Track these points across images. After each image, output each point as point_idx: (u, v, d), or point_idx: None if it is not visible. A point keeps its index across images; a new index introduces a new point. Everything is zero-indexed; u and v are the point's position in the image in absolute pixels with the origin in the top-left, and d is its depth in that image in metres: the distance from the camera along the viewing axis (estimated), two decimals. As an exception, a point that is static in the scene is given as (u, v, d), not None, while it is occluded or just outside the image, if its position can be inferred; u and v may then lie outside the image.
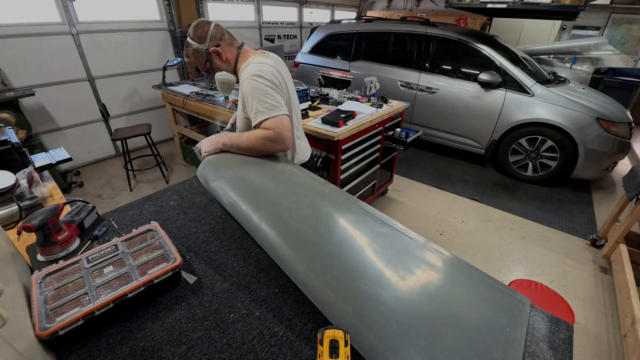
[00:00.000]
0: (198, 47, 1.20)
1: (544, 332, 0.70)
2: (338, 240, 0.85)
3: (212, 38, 1.19)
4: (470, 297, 0.73)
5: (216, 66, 1.25)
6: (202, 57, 1.23)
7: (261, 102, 1.12)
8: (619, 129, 3.00)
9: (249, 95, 1.14)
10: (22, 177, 1.27)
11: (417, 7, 7.58)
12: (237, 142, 1.15)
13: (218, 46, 1.21)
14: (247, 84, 1.14)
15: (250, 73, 1.15)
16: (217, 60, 1.23)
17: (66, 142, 3.58)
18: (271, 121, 1.12)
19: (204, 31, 1.19)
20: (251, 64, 1.20)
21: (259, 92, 1.13)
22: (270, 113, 1.12)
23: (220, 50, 1.21)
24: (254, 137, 1.13)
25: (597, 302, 2.04)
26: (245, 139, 1.14)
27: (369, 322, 0.64)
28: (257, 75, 1.14)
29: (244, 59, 1.25)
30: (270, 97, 1.13)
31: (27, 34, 3.06)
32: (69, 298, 0.72)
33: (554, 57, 5.58)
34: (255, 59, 1.23)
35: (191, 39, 1.20)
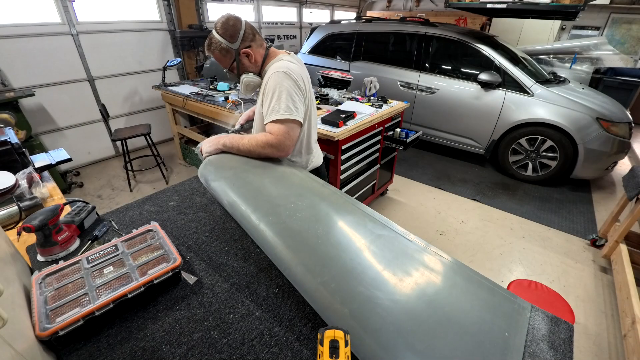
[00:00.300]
0: (228, 46, 1.13)
1: (544, 332, 0.70)
2: (336, 241, 0.84)
3: (244, 38, 1.14)
4: (469, 301, 0.72)
5: (243, 67, 1.20)
6: (229, 57, 1.17)
7: (279, 101, 1.09)
8: (619, 129, 3.00)
9: (272, 89, 1.11)
10: (22, 177, 1.27)
11: (417, 7, 7.58)
12: (238, 144, 1.14)
13: (249, 47, 1.16)
14: (273, 78, 1.11)
15: (279, 69, 1.11)
16: (246, 61, 1.18)
17: (66, 142, 3.58)
18: (279, 126, 1.09)
19: (235, 29, 1.12)
20: (280, 61, 1.17)
21: (282, 90, 1.09)
22: (284, 115, 1.09)
23: (250, 52, 1.16)
24: (255, 141, 1.11)
25: (597, 302, 2.04)
26: (245, 142, 1.13)
27: (365, 324, 0.64)
28: (285, 73, 1.10)
29: (271, 59, 1.22)
30: (290, 100, 1.10)
31: (27, 35, 3.06)
32: (69, 298, 0.72)
33: (554, 57, 5.58)
34: (285, 57, 1.21)
35: (220, 36, 1.12)
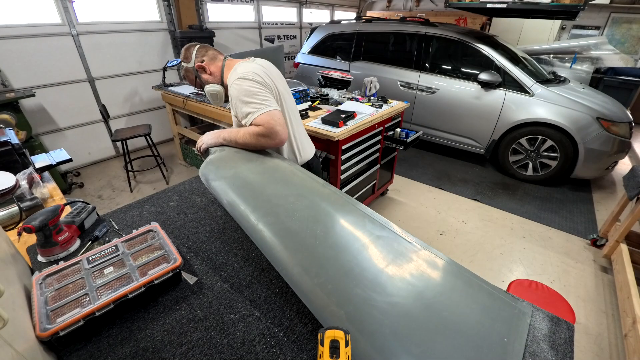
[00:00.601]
0: (187, 66, 1.33)
1: (545, 332, 0.70)
2: (334, 242, 0.83)
3: (196, 56, 1.31)
4: (468, 305, 0.71)
5: (204, 80, 1.34)
6: (191, 74, 1.34)
7: (247, 103, 1.17)
8: (619, 129, 2.99)
9: (236, 99, 1.19)
10: (22, 178, 1.27)
11: (417, 7, 7.58)
12: (235, 137, 1.20)
13: (202, 62, 1.31)
14: (232, 89, 1.20)
15: (234, 77, 1.21)
16: (204, 74, 1.32)
17: (66, 143, 3.58)
18: (261, 117, 1.15)
19: (189, 52, 1.31)
20: (235, 71, 1.26)
21: (244, 93, 1.17)
22: (259, 110, 1.15)
23: (204, 65, 1.30)
24: (248, 133, 1.17)
25: (598, 302, 2.04)
26: (241, 135, 1.19)
27: (361, 327, 0.63)
28: (240, 79, 1.19)
29: (230, 68, 1.30)
30: (256, 97, 1.17)
31: (27, 35, 3.06)
32: (69, 299, 0.72)
33: (554, 56, 5.58)
34: (240, 65, 1.28)
35: (182, 61, 1.33)
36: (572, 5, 3.04)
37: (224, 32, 4.87)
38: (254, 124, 1.16)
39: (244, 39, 5.38)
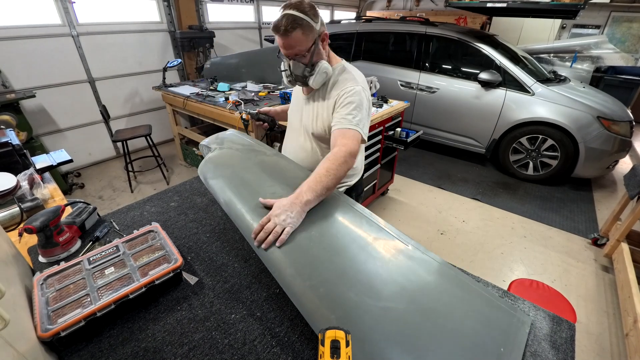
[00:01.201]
0: (313, 26, 1.01)
1: (546, 332, 0.70)
2: (329, 244, 0.81)
3: (323, 23, 1.05)
4: (464, 312, 0.69)
5: (317, 54, 1.07)
6: (310, 39, 1.03)
7: (358, 115, 1.04)
8: (620, 128, 2.99)
9: (353, 101, 1.05)
10: (23, 178, 1.27)
11: (417, 6, 7.57)
12: (322, 184, 0.89)
13: (325, 32, 1.07)
14: (356, 90, 1.06)
15: (358, 83, 1.09)
16: (321, 48, 1.08)
17: (67, 143, 3.59)
18: (353, 132, 1.02)
19: (316, 11, 1.03)
20: (353, 72, 1.14)
21: (363, 106, 1.06)
22: (358, 127, 1.04)
23: (327, 33, 1.07)
24: (334, 160, 0.94)
25: (599, 301, 2.04)
26: (324, 173, 0.91)
27: (352, 332, 0.61)
28: (364, 90, 1.09)
29: (333, 58, 1.17)
30: (366, 117, 1.09)
31: (27, 36, 3.06)
32: (70, 299, 0.72)
33: (554, 56, 5.57)
34: (352, 66, 1.18)
35: (303, 14, 0.99)
36: (572, 4, 3.04)
37: (224, 32, 4.87)
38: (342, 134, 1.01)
39: (244, 39, 5.38)
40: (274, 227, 0.78)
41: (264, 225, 0.80)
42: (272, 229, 0.78)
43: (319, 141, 1.24)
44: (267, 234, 0.78)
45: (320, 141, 1.23)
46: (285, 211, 0.81)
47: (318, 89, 1.16)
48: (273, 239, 0.78)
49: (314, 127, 1.20)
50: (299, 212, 0.83)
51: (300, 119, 1.27)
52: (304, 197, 0.85)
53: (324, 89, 1.16)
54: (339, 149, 0.97)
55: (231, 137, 1.37)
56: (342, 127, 1.03)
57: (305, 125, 1.24)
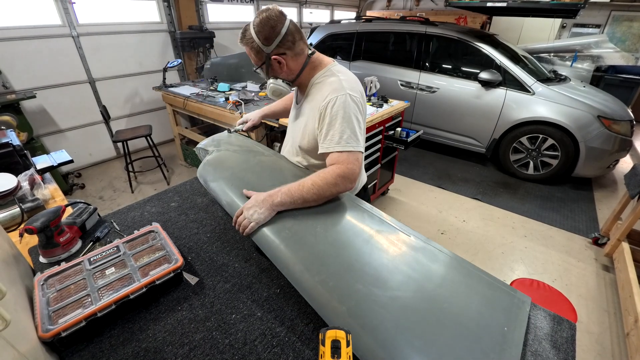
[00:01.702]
0: (261, 49, 0.98)
1: (547, 331, 0.70)
2: (334, 239, 0.84)
3: (280, 44, 0.97)
4: (468, 296, 0.72)
5: (272, 72, 1.04)
6: (260, 58, 1.01)
7: (345, 131, 0.93)
8: (620, 127, 2.99)
9: (336, 114, 0.94)
10: (23, 179, 1.27)
11: (417, 6, 7.57)
12: (301, 195, 0.89)
13: (282, 54, 0.99)
14: (339, 101, 0.94)
15: (341, 90, 0.96)
16: (277, 67, 1.02)
17: (67, 144, 3.59)
18: (346, 155, 0.93)
19: (273, 32, 0.95)
20: (337, 76, 1.01)
21: (349, 117, 0.94)
22: (349, 146, 0.93)
23: (282, 60, 1.00)
24: (323, 178, 0.90)
25: (600, 301, 2.04)
26: (309, 186, 0.89)
27: (363, 322, 0.64)
28: (349, 96, 0.95)
29: (314, 68, 1.06)
30: (357, 127, 0.96)
31: (27, 37, 3.07)
32: (71, 300, 0.72)
33: (555, 55, 5.57)
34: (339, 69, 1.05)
35: (255, 34, 0.95)
36: (572, 3, 3.03)
37: (224, 32, 4.87)
38: (335, 160, 0.93)
39: (244, 40, 5.38)
40: (243, 220, 0.86)
41: (238, 216, 0.88)
42: (241, 222, 0.86)
43: (305, 157, 1.13)
44: (238, 224, 0.87)
45: (307, 157, 1.13)
46: (255, 207, 0.86)
47: (306, 95, 1.08)
48: (242, 231, 0.86)
49: (300, 140, 1.10)
50: (268, 210, 0.86)
51: (292, 128, 1.20)
52: (277, 198, 0.88)
53: (310, 98, 1.07)
54: (333, 169, 0.92)
55: (227, 138, 1.37)
56: (334, 150, 0.94)
57: (294, 134, 1.16)
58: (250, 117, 1.46)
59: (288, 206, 0.89)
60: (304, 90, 1.10)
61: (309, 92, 1.08)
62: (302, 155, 1.14)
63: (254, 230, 0.84)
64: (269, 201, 0.87)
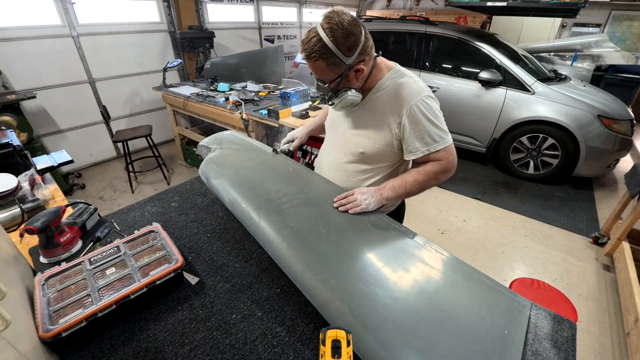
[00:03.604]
0: (342, 61, 0.86)
1: (547, 331, 0.70)
2: (336, 239, 0.84)
3: (362, 51, 0.88)
4: (468, 299, 0.72)
5: (346, 84, 0.94)
6: (335, 72, 0.90)
7: (437, 129, 0.93)
8: (621, 126, 2.98)
9: (426, 116, 0.92)
10: (24, 179, 1.27)
11: (417, 6, 7.56)
12: (404, 189, 0.97)
13: (362, 61, 0.91)
14: (424, 102, 0.92)
15: (422, 90, 0.94)
16: (353, 77, 0.93)
17: (67, 144, 3.59)
18: (446, 149, 0.95)
19: (355, 41, 0.85)
20: (408, 76, 0.98)
21: (435, 115, 0.94)
22: (444, 141, 0.94)
23: (363, 68, 0.91)
24: (425, 175, 0.96)
25: (600, 300, 2.04)
26: (411, 182, 0.96)
27: (365, 321, 0.64)
28: (430, 97, 0.95)
29: (380, 70, 1.00)
30: (443, 121, 0.96)
31: (27, 37, 3.07)
32: (71, 300, 0.72)
33: (555, 54, 5.56)
34: (403, 69, 1.01)
35: (334, 45, 0.83)
36: (572, 2, 3.03)
37: (223, 32, 4.87)
38: (435, 157, 0.95)
39: (244, 39, 5.38)
40: (355, 200, 0.93)
41: (348, 196, 0.95)
42: (352, 201, 0.93)
43: (365, 162, 1.07)
44: (348, 202, 0.94)
45: (367, 162, 1.07)
46: (368, 194, 0.95)
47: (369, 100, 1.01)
48: (351, 207, 0.93)
49: (364, 145, 1.03)
50: (377, 201, 0.95)
51: (343, 134, 1.10)
52: (384, 193, 0.97)
53: (377, 102, 1.00)
54: (434, 167, 0.96)
55: (230, 137, 1.38)
56: (432, 150, 0.94)
57: (349, 142, 1.07)
58: (296, 134, 1.33)
59: (391, 202, 0.99)
60: (365, 95, 1.01)
61: (375, 96, 1.00)
62: (361, 161, 1.07)
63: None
64: (378, 193, 0.96)
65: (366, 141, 1.03)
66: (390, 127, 0.98)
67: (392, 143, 1.00)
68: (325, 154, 1.22)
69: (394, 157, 1.05)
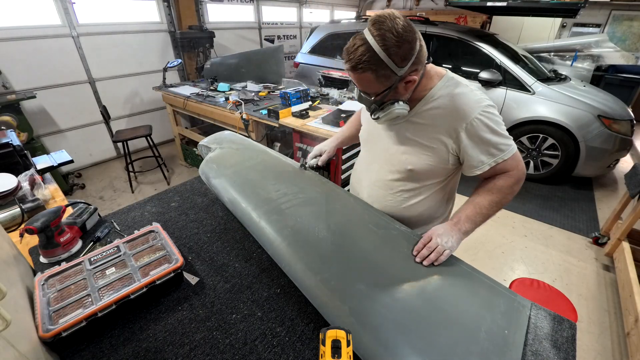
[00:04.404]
0: (393, 72, 0.77)
1: (547, 331, 0.70)
2: (336, 239, 0.84)
3: (415, 61, 0.78)
4: (468, 299, 0.72)
5: (395, 95, 0.85)
6: (384, 85, 0.81)
7: (502, 138, 0.85)
8: (621, 126, 2.98)
9: (490, 127, 0.84)
10: (24, 179, 1.27)
11: (417, 5, 7.57)
12: (482, 217, 0.89)
13: (415, 71, 0.81)
14: (486, 113, 0.83)
15: (482, 99, 0.85)
16: (402, 88, 0.83)
17: (67, 144, 3.59)
18: (511, 159, 0.86)
19: (410, 50, 0.76)
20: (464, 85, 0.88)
21: (498, 123, 0.86)
22: (511, 149, 0.86)
23: (416, 78, 0.82)
24: (499, 192, 0.88)
25: (600, 300, 2.04)
26: (487, 206, 0.88)
27: (365, 321, 0.64)
28: (490, 105, 0.85)
29: (430, 78, 0.90)
30: (505, 130, 0.87)
31: (27, 37, 3.07)
32: (71, 300, 0.72)
33: (555, 54, 5.56)
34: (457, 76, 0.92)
35: (387, 55, 0.74)
36: (572, 2, 3.04)
37: (223, 32, 4.87)
38: (503, 167, 0.87)
39: (244, 39, 5.38)
40: (437, 246, 0.82)
41: (426, 243, 0.83)
42: (434, 248, 0.82)
43: (413, 180, 0.97)
44: (429, 251, 0.82)
45: (415, 180, 0.97)
46: (447, 235, 0.84)
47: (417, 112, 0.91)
48: (435, 257, 0.80)
49: (413, 162, 0.93)
50: (458, 239, 0.86)
51: (385, 149, 0.99)
52: (462, 227, 0.87)
53: (428, 114, 0.89)
54: (507, 180, 0.87)
55: (230, 137, 1.38)
56: (500, 161, 0.86)
57: (393, 158, 0.97)
58: (324, 148, 1.24)
59: (471, 231, 0.89)
60: (413, 106, 0.91)
61: (425, 108, 0.89)
62: (409, 178, 0.97)
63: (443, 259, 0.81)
64: (456, 229, 0.86)
65: (415, 158, 0.93)
66: (445, 143, 0.88)
67: (446, 159, 0.91)
68: (363, 171, 1.11)
69: (446, 173, 0.97)
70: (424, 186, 0.98)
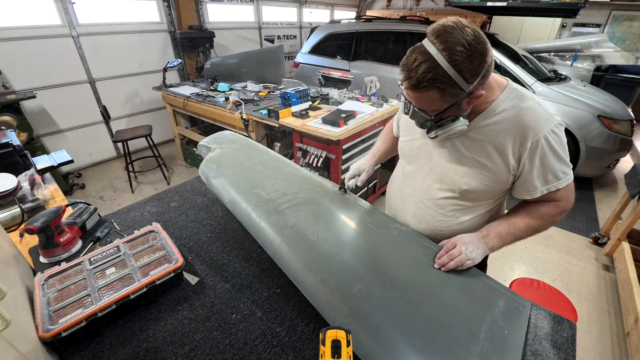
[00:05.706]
0: (461, 90, 0.69)
1: (547, 331, 0.70)
2: (336, 239, 0.84)
3: (485, 74, 0.70)
4: (469, 299, 0.72)
5: (457, 112, 0.76)
6: (448, 102, 0.72)
7: (561, 167, 0.78)
8: (621, 127, 2.98)
9: (555, 150, 0.76)
10: (24, 179, 1.27)
11: (417, 6, 7.57)
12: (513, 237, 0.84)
13: (481, 84, 0.72)
14: (554, 134, 0.76)
15: (551, 118, 0.77)
16: (466, 104, 0.75)
17: (67, 144, 3.59)
18: (565, 189, 0.80)
19: (482, 62, 0.67)
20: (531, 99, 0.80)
21: (564, 147, 0.78)
22: (567, 177, 0.79)
23: (483, 94, 0.74)
24: (540, 219, 0.83)
25: (600, 300, 2.04)
26: (522, 228, 0.84)
27: (364, 321, 0.64)
28: (560, 125, 0.78)
29: (491, 89, 0.81)
30: (568, 155, 0.80)
31: (27, 37, 3.07)
32: (71, 300, 0.72)
33: (555, 54, 5.56)
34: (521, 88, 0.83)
35: (455, 69, 0.66)
36: (572, 2, 3.04)
37: (223, 32, 4.87)
38: (554, 197, 0.81)
39: (244, 39, 5.38)
40: (459, 254, 0.78)
41: (449, 250, 0.80)
42: (456, 256, 0.78)
43: (467, 200, 0.89)
44: (450, 259, 0.78)
45: (469, 200, 0.89)
46: (472, 244, 0.80)
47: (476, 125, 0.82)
48: (454, 265, 0.77)
49: (468, 181, 0.85)
50: (483, 252, 0.81)
51: (436, 165, 0.90)
52: (490, 242, 0.83)
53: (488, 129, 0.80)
54: (552, 210, 0.82)
55: (230, 137, 1.38)
56: (554, 189, 0.79)
57: (445, 175, 0.89)
58: (362, 167, 1.14)
59: (498, 248, 0.84)
60: (471, 119, 0.82)
61: (485, 122, 0.81)
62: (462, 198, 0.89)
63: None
64: (483, 243, 0.82)
65: (471, 178, 0.85)
66: (507, 162, 0.80)
67: (506, 180, 0.82)
68: (406, 186, 1.00)
69: (502, 193, 0.89)
70: (478, 205, 0.91)
